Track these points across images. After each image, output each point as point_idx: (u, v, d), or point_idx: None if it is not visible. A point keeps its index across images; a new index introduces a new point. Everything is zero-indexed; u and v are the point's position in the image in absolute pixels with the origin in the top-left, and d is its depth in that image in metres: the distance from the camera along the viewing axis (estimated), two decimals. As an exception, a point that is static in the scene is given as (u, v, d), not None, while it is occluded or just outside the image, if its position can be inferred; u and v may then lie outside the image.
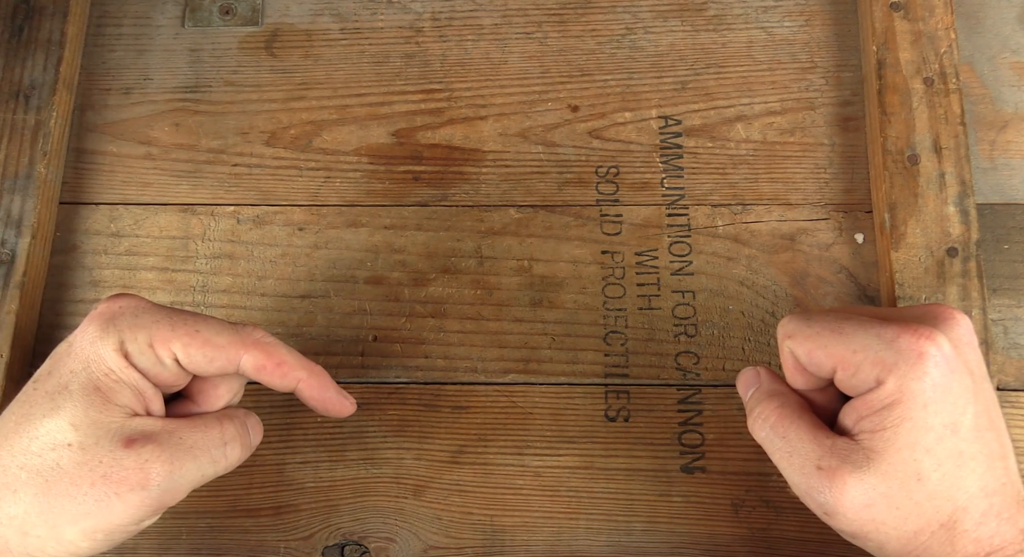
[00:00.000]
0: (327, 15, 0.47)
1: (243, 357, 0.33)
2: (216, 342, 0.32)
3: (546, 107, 0.45)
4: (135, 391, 0.31)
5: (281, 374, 0.33)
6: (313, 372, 0.34)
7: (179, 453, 0.31)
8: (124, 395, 0.31)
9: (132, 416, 0.31)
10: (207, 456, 0.32)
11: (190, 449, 0.31)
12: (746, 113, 0.45)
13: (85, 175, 0.45)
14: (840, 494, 0.29)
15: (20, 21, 0.45)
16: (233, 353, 0.32)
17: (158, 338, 0.31)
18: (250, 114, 0.45)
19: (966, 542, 0.29)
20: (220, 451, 0.33)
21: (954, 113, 0.42)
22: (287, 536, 0.39)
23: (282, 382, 0.34)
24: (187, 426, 0.32)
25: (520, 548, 0.39)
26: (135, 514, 0.30)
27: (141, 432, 0.31)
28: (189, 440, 0.32)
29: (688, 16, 0.46)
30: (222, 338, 0.32)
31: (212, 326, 0.32)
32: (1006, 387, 0.40)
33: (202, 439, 0.32)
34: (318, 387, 0.35)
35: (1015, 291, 0.42)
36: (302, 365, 0.34)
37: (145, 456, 0.30)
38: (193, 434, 0.32)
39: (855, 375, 0.30)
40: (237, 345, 0.32)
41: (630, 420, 0.41)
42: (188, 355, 0.32)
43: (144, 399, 0.32)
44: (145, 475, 0.30)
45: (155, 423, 0.31)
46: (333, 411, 0.36)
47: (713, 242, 0.43)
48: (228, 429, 0.33)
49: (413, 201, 0.44)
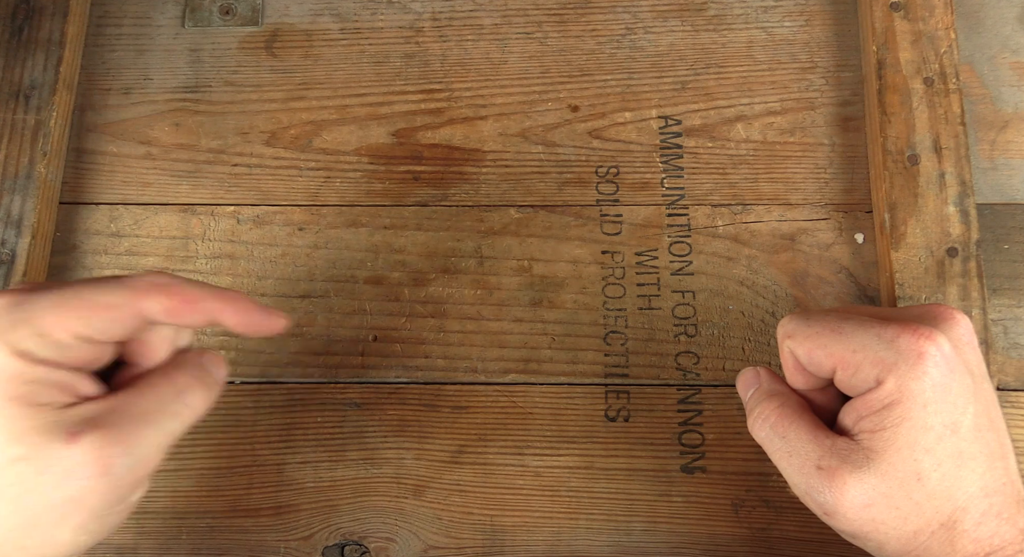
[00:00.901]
0: (327, 15, 0.47)
1: (145, 305, 0.30)
2: (111, 302, 0.30)
3: (546, 107, 0.45)
4: (53, 384, 0.29)
5: (193, 310, 0.31)
6: (228, 298, 0.31)
7: (130, 426, 0.29)
8: (44, 393, 0.29)
9: (66, 408, 0.29)
10: (164, 414, 0.30)
11: (142, 416, 0.30)
12: (746, 113, 0.45)
13: (85, 175, 0.45)
14: (840, 494, 0.29)
15: (20, 21, 0.45)
16: (134, 307, 0.30)
17: (48, 324, 0.29)
18: (250, 114, 0.45)
19: (966, 542, 0.29)
20: (178, 404, 0.31)
21: (954, 113, 0.42)
22: (287, 536, 0.39)
23: (199, 318, 0.31)
24: (132, 394, 0.30)
25: (520, 548, 0.39)
26: (113, 497, 0.29)
27: (81, 421, 0.29)
28: (137, 407, 0.30)
29: (688, 16, 0.46)
30: (116, 296, 0.30)
31: (100, 288, 0.30)
32: (1006, 387, 0.40)
33: (153, 401, 0.30)
34: (240, 311, 0.32)
35: (1015, 291, 0.42)
36: (214, 294, 0.31)
37: (95, 443, 0.28)
38: (140, 400, 0.30)
39: (855, 375, 0.30)
40: (135, 297, 0.30)
41: (630, 420, 0.41)
42: (88, 325, 0.29)
43: (68, 387, 0.29)
44: (102, 462, 0.29)
45: (94, 406, 0.29)
46: (264, 328, 0.32)
47: (713, 242, 0.43)
48: (179, 379, 0.31)
49: (413, 201, 0.44)
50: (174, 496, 0.40)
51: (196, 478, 0.40)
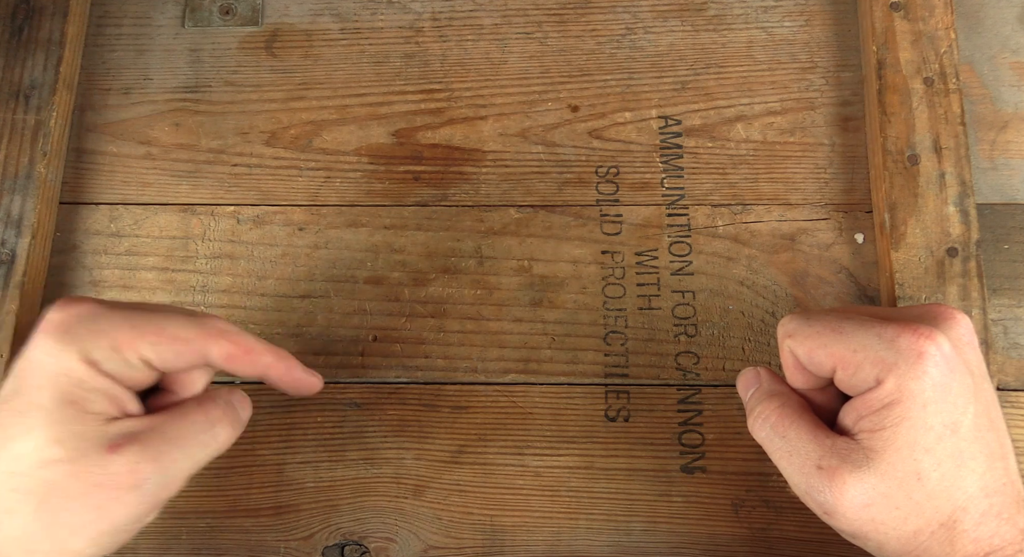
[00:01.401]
0: (327, 15, 0.47)
1: (211, 348, 0.32)
2: (183, 337, 0.31)
3: (546, 107, 0.45)
4: (107, 396, 0.31)
5: (250, 361, 0.33)
6: (279, 355, 0.34)
7: (166, 447, 0.31)
8: (98, 402, 0.30)
9: (111, 421, 0.31)
10: (195, 442, 0.32)
11: (176, 440, 0.31)
12: (746, 113, 0.45)
13: (85, 175, 0.45)
14: (840, 494, 0.29)
15: (20, 21, 0.45)
16: (201, 345, 0.32)
17: (123, 341, 0.31)
18: (250, 114, 0.45)
19: (965, 542, 0.29)
20: (208, 435, 0.32)
21: (954, 113, 0.42)
22: (287, 536, 0.39)
23: (251, 369, 0.33)
24: (169, 418, 0.32)
25: (520, 548, 0.39)
26: (135, 513, 0.30)
27: (123, 435, 0.30)
28: (173, 432, 0.31)
29: (688, 16, 0.46)
30: (188, 332, 0.32)
31: (175, 321, 0.32)
32: (1006, 387, 0.40)
33: (187, 428, 0.32)
34: (286, 369, 0.34)
35: (1015, 291, 0.42)
36: (268, 350, 0.34)
37: (132, 458, 0.30)
38: (177, 425, 0.32)
39: (855, 374, 0.30)
40: (204, 337, 0.32)
41: (630, 420, 0.41)
42: (157, 354, 0.31)
43: (118, 401, 0.31)
44: (136, 476, 0.30)
45: (136, 423, 0.31)
46: (304, 390, 0.35)
47: (713, 242, 0.43)
48: (212, 411, 0.33)
49: (413, 201, 0.44)
50: (174, 496, 0.40)
51: (196, 478, 0.40)
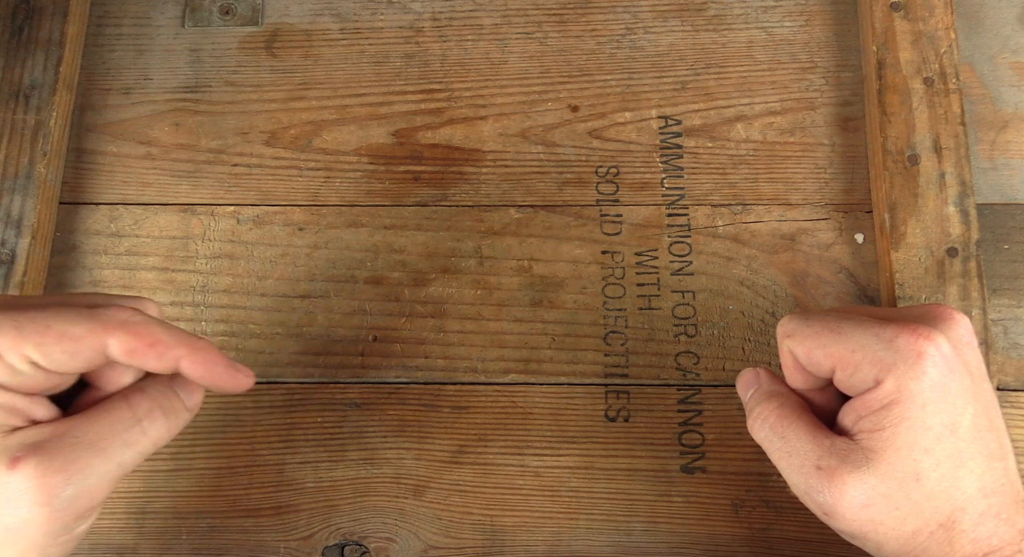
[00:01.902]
0: (327, 15, 0.47)
1: (108, 343, 0.29)
2: (72, 333, 0.28)
3: (546, 107, 0.45)
4: (2, 407, 0.28)
5: (156, 355, 0.29)
6: (195, 347, 0.30)
7: (76, 453, 0.28)
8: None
9: (10, 432, 0.28)
10: (118, 442, 0.29)
11: (91, 444, 0.28)
12: (746, 113, 0.45)
13: (85, 175, 0.45)
14: (839, 494, 0.29)
15: (20, 21, 0.45)
16: (96, 341, 0.28)
17: (5, 346, 0.28)
18: (250, 114, 0.45)
19: (964, 542, 0.29)
20: (133, 432, 0.29)
21: (954, 113, 0.42)
22: (287, 536, 0.39)
23: (160, 363, 0.29)
24: (84, 420, 0.29)
25: (520, 548, 0.39)
26: (55, 527, 0.28)
27: (24, 446, 0.28)
28: (88, 434, 0.29)
29: (688, 16, 0.46)
30: (78, 328, 0.28)
31: (65, 317, 0.28)
32: (1006, 387, 0.40)
33: (105, 427, 0.29)
34: (202, 363, 0.30)
35: (1015, 291, 0.42)
36: (180, 341, 0.30)
37: (35, 472, 0.27)
38: (93, 426, 0.29)
39: (854, 375, 0.30)
40: (98, 332, 0.28)
41: (630, 420, 0.41)
42: (45, 354, 0.28)
43: (18, 410, 0.28)
44: (43, 490, 0.27)
45: (39, 431, 0.28)
46: (227, 387, 0.31)
47: (713, 242, 0.43)
48: (140, 406, 0.30)
49: (413, 201, 0.44)
50: (174, 496, 0.40)
51: (196, 478, 0.40)
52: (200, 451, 0.41)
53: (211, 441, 0.41)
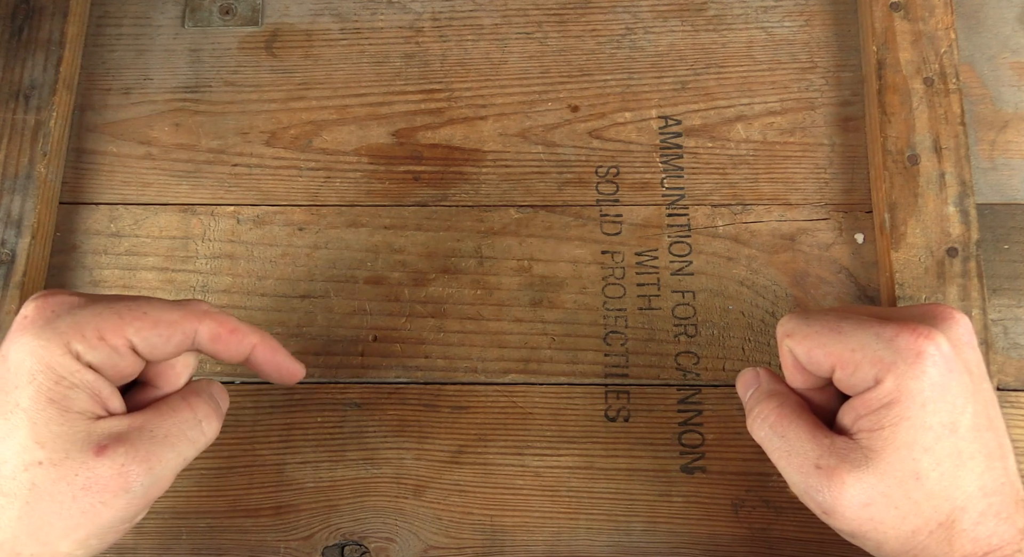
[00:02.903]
0: (327, 15, 0.47)
1: (198, 329, 0.31)
2: (167, 319, 0.31)
3: (546, 107, 0.45)
4: (91, 393, 0.30)
5: (236, 341, 0.32)
6: (264, 337, 0.33)
7: (154, 447, 0.30)
8: (80, 400, 0.30)
9: (95, 419, 0.30)
10: (184, 439, 0.31)
11: (165, 438, 0.31)
12: (746, 113, 0.45)
13: (85, 175, 0.45)
14: (839, 493, 0.29)
15: (20, 21, 0.45)
16: (188, 327, 0.31)
17: (108, 329, 0.30)
18: (250, 114, 0.45)
19: (964, 541, 0.29)
20: (196, 430, 0.32)
21: (954, 113, 0.42)
22: (287, 536, 0.39)
23: (237, 349, 0.33)
24: (156, 416, 0.31)
25: (520, 548, 0.39)
26: (124, 515, 0.30)
27: (110, 436, 0.29)
28: (162, 430, 0.31)
29: (688, 16, 0.46)
30: (172, 314, 0.31)
31: (158, 305, 0.31)
32: (1006, 387, 0.40)
33: (175, 425, 0.31)
34: (271, 351, 0.34)
35: (1015, 291, 0.42)
36: (253, 330, 0.33)
37: (120, 460, 0.29)
38: (164, 422, 0.31)
39: (854, 374, 0.30)
40: (190, 318, 0.31)
41: (630, 420, 0.41)
42: (144, 339, 0.30)
43: (101, 399, 0.30)
44: (125, 479, 0.29)
45: (121, 422, 0.30)
46: (286, 375, 0.34)
47: (713, 242, 0.43)
48: (199, 406, 0.32)
49: (413, 201, 0.44)
50: (174, 496, 0.40)
51: (196, 478, 0.40)
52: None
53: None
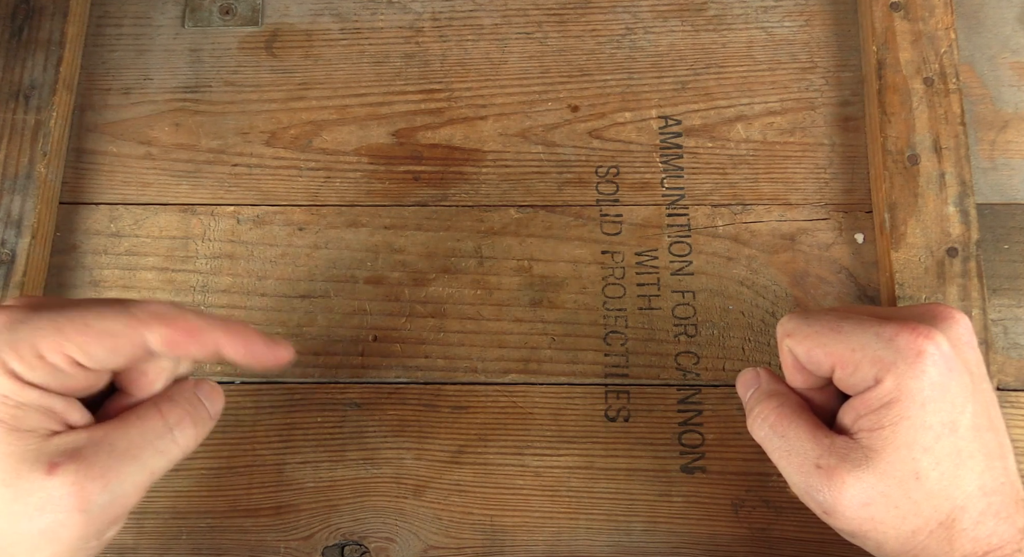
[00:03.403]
0: (327, 15, 0.47)
1: (147, 336, 0.29)
2: (112, 329, 0.28)
3: (546, 107, 0.45)
4: (40, 410, 0.28)
5: (195, 342, 0.29)
6: (231, 329, 0.30)
7: (112, 461, 0.28)
8: (30, 418, 0.28)
9: (49, 436, 0.28)
10: (150, 450, 0.29)
11: (126, 451, 0.29)
12: (746, 113, 0.45)
13: (85, 175, 0.45)
14: (839, 493, 0.29)
15: (20, 21, 0.45)
16: (135, 336, 0.29)
17: (45, 346, 0.28)
18: (250, 114, 0.45)
19: (964, 541, 0.29)
20: (165, 440, 0.30)
21: (954, 113, 0.42)
22: (287, 536, 0.39)
23: (201, 350, 0.30)
24: (119, 427, 0.29)
25: (520, 548, 0.39)
26: (88, 531, 0.28)
27: (63, 452, 0.28)
28: (123, 442, 0.29)
29: (688, 16, 0.46)
30: (117, 323, 0.29)
31: (102, 314, 0.29)
32: (1006, 387, 0.40)
33: (140, 436, 0.29)
34: (242, 342, 0.30)
35: (1015, 291, 0.42)
36: (216, 325, 0.30)
37: (73, 478, 0.27)
38: (127, 433, 0.29)
39: (854, 374, 0.30)
40: (136, 326, 0.29)
41: (630, 420, 0.41)
42: (86, 353, 0.28)
43: (55, 414, 0.29)
44: (80, 496, 0.28)
45: (77, 437, 0.29)
46: (268, 362, 0.31)
47: (713, 242, 0.43)
48: (171, 414, 0.30)
49: (413, 201, 0.44)
50: (174, 496, 0.40)
51: (196, 478, 0.40)
52: (200, 451, 0.40)
53: (211, 441, 0.41)
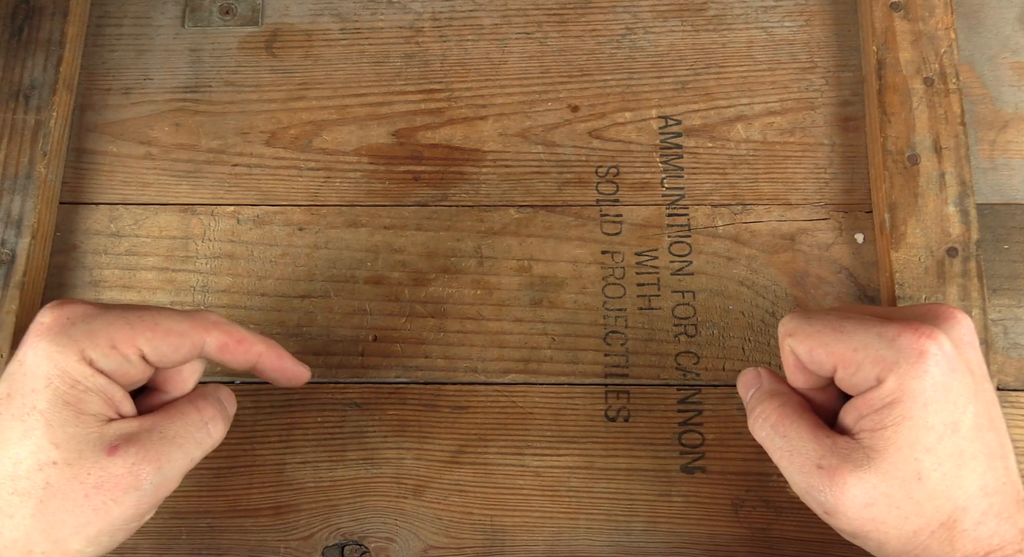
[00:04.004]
0: (327, 15, 0.47)
1: (206, 339, 0.33)
2: (178, 330, 0.32)
3: (546, 107, 0.45)
4: (103, 397, 0.31)
5: (244, 350, 0.34)
6: (270, 345, 0.35)
7: (163, 447, 0.32)
8: (94, 403, 0.31)
9: (107, 422, 0.31)
10: (191, 441, 0.33)
11: (173, 439, 0.32)
12: (746, 113, 0.45)
13: (85, 175, 0.45)
14: (840, 493, 0.29)
15: (20, 21, 0.45)
16: (197, 337, 0.33)
17: (120, 338, 0.31)
18: (250, 114, 0.45)
19: (965, 541, 0.29)
20: (203, 432, 0.33)
21: (954, 113, 0.42)
22: (287, 536, 0.39)
23: (244, 358, 0.34)
24: (165, 418, 0.33)
25: (520, 548, 0.39)
26: (134, 513, 0.31)
27: (121, 436, 0.31)
28: (170, 431, 0.32)
29: (688, 16, 0.46)
30: (182, 325, 0.33)
31: (168, 316, 0.33)
32: (1006, 387, 0.40)
33: (182, 426, 0.33)
34: (276, 358, 0.35)
35: (1015, 291, 0.42)
36: (259, 339, 0.35)
37: (131, 459, 0.31)
38: (173, 424, 0.32)
39: (856, 373, 0.30)
40: (198, 329, 0.33)
41: (630, 420, 0.40)
42: (154, 348, 0.32)
43: (113, 402, 0.32)
44: (136, 477, 0.31)
45: (132, 424, 0.32)
46: (293, 379, 0.36)
47: (713, 242, 0.43)
48: (206, 409, 0.34)
49: (413, 201, 0.44)
50: (174, 496, 0.40)
51: (196, 478, 0.40)
52: (200, 451, 0.40)
53: (211, 441, 0.40)
